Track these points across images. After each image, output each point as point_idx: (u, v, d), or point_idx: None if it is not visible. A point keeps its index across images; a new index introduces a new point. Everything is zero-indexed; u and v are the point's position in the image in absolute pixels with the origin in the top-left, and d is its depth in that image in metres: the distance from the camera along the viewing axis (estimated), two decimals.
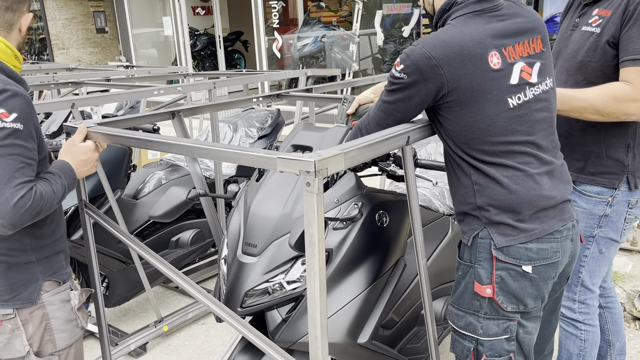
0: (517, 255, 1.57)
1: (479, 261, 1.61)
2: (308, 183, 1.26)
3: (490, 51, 1.52)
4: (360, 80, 3.26)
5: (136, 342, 3.01)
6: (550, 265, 1.60)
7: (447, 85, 1.50)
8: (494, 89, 1.52)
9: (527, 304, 1.61)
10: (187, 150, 1.58)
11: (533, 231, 1.56)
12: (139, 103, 4.06)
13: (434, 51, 1.49)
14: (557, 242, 1.60)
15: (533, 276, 1.58)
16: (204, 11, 12.68)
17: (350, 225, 1.79)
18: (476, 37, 1.52)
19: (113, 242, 3.00)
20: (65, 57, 11.97)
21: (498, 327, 1.62)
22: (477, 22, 1.56)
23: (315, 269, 1.30)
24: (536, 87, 1.60)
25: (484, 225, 1.59)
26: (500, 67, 1.53)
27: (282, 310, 1.73)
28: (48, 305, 1.71)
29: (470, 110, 1.53)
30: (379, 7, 8.85)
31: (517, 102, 1.55)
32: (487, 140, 1.55)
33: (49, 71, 5.61)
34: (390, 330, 2.02)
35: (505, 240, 1.57)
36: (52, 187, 1.59)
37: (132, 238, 1.90)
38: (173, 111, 2.29)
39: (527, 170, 1.56)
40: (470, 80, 1.50)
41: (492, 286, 1.59)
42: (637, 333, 3.02)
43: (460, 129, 1.56)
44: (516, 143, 1.55)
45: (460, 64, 1.49)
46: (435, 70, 1.49)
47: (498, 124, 1.53)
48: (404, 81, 1.53)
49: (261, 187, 1.85)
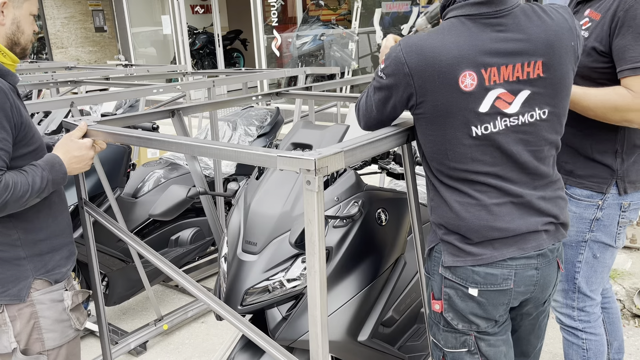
0: (464, 276, 1.50)
1: (433, 274, 1.59)
2: (308, 181, 1.26)
3: (464, 70, 1.37)
4: (360, 78, 3.25)
5: (136, 341, 3.01)
6: (500, 292, 1.50)
7: (415, 97, 1.42)
8: (458, 113, 1.39)
9: (478, 324, 1.53)
10: (186, 149, 1.58)
11: (481, 256, 1.47)
12: (138, 102, 4.06)
13: (409, 57, 1.39)
14: (509, 269, 1.48)
15: (480, 299, 1.50)
16: (203, 10, 12.67)
17: (350, 223, 1.79)
18: (454, 52, 1.37)
19: (113, 241, 3.00)
20: (64, 56, 11.96)
21: (455, 340, 1.57)
22: (466, 29, 1.40)
23: (316, 267, 1.30)
24: (513, 117, 1.42)
25: (439, 241, 1.55)
26: (471, 90, 1.38)
27: (282, 308, 1.73)
28: (37, 303, 1.70)
29: (433, 129, 1.44)
30: (378, 5, 8.84)
31: (483, 132, 1.41)
32: (444, 164, 1.46)
33: (48, 70, 5.60)
34: (391, 328, 2.02)
35: (451, 260, 1.50)
36: (27, 178, 1.56)
37: (132, 236, 1.90)
38: (172, 109, 2.29)
39: (482, 200, 1.45)
40: (436, 98, 1.39)
41: (441, 302, 1.56)
42: (636, 330, 3.02)
43: (424, 143, 1.50)
44: (474, 172, 1.44)
45: (430, 77, 1.38)
46: (407, 79, 1.41)
47: (457, 150, 1.42)
48: (383, 82, 1.48)
49: (261, 185, 1.85)
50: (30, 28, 1.70)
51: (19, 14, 1.65)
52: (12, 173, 1.55)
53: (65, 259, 1.80)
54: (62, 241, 1.78)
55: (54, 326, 1.74)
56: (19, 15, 1.65)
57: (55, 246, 1.75)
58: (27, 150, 1.64)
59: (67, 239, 1.82)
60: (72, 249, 1.86)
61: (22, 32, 1.68)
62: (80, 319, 1.84)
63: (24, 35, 1.69)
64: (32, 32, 1.72)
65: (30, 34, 1.71)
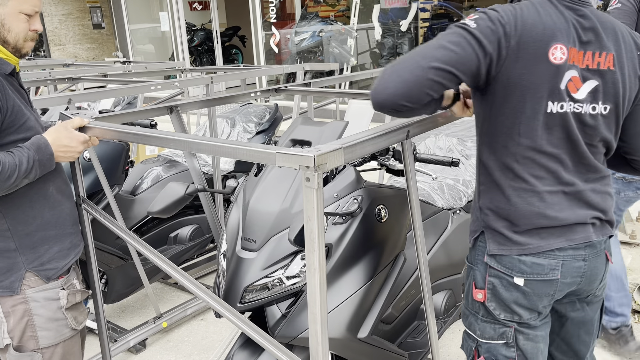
0: (510, 265, 1.50)
1: (476, 264, 1.58)
2: (308, 178, 1.25)
3: (556, 43, 1.38)
4: (358, 74, 3.25)
5: (135, 338, 3.01)
6: (546, 282, 1.50)
7: (504, 61, 1.36)
8: (541, 85, 1.39)
9: (521, 315, 1.53)
10: (185, 146, 1.57)
11: (528, 246, 1.47)
12: (136, 99, 4.05)
13: (509, 20, 1.36)
14: (557, 260, 1.48)
15: (525, 289, 1.50)
16: (201, 6, 12.64)
17: (349, 220, 1.78)
18: (549, 23, 1.39)
19: (111, 239, 2.99)
20: (61, 53, 11.93)
21: (494, 331, 1.57)
22: (554, 7, 1.42)
23: (315, 265, 1.30)
24: (579, 104, 1.43)
25: (483, 229, 1.55)
26: (559, 64, 1.39)
27: (281, 305, 1.73)
28: (31, 301, 1.69)
29: (512, 99, 1.41)
30: (377, 1, 8.82)
31: (558, 110, 1.41)
32: (512, 140, 1.44)
33: (46, 67, 5.58)
34: (390, 324, 2.02)
35: (497, 249, 1.51)
36: (13, 159, 1.56)
37: (131, 234, 1.89)
38: (170, 106, 2.28)
39: (536, 186, 1.45)
40: (525, 66, 1.37)
41: (484, 291, 1.55)
42: (636, 326, 3.02)
43: (494, 116, 1.45)
44: (540, 152, 1.44)
45: (524, 44, 1.36)
46: (503, 40, 1.35)
47: (530, 124, 1.41)
48: (471, 29, 1.34)
49: (260, 182, 1.84)
50: (21, 26, 1.65)
51: (3, 11, 1.61)
52: None
53: (66, 251, 1.77)
54: (59, 231, 1.76)
55: (48, 324, 1.72)
56: (3, 13, 1.62)
57: (51, 237, 1.73)
58: (17, 137, 1.63)
59: (67, 229, 1.79)
60: (75, 240, 1.83)
61: (9, 30, 1.64)
62: (79, 319, 1.82)
63: (11, 33, 1.64)
64: (24, 31, 1.67)
65: (22, 32, 1.66)
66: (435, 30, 9.03)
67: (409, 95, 1.31)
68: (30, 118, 1.68)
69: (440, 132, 2.92)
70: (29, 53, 1.74)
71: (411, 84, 1.30)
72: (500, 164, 1.48)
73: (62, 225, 1.78)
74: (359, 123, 2.69)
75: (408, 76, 1.31)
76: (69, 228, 1.81)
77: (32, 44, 1.72)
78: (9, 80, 1.66)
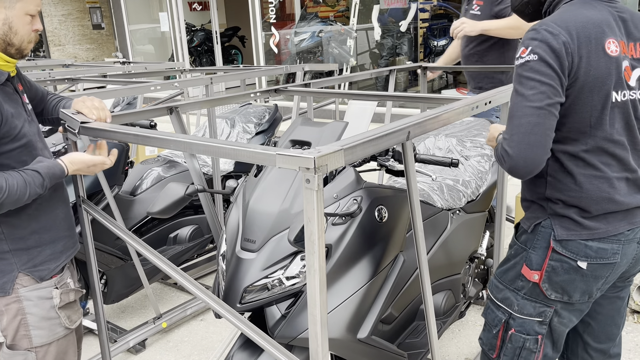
0: (575, 250, 1.59)
1: (534, 247, 1.66)
2: (308, 180, 1.25)
3: (608, 37, 1.50)
4: (358, 75, 3.25)
5: (135, 339, 3.01)
6: (606, 265, 1.60)
7: (571, 65, 1.47)
8: (606, 77, 1.50)
9: (572, 296, 1.64)
10: (185, 146, 1.57)
11: (597, 230, 1.57)
12: (135, 99, 4.04)
13: (558, 29, 1.47)
14: (619, 244, 1.59)
15: (586, 272, 1.59)
16: (201, 7, 12.64)
17: (349, 221, 1.78)
18: (596, 20, 1.50)
19: (111, 239, 2.99)
20: (61, 54, 11.93)
21: (534, 309, 1.68)
22: (594, 7, 1.54)
23: (315, 265, 1.30)
24: (632, 92, 1.56)
25: (548, 216, 1.63)
26: (616, 56, 1.51)
27: (281, 306, 1.73)
28: (24, 300, 1.70)
29: (582, 96, 1.50)
30: (376, 2, 8.82)
31: (621, 99, 1.53)
32: (584, 132, 1.53)
33: (45, 68, 5.58)
34: (390, 325, 2.02)
35: (566, 234, 1.59)
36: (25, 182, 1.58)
37: (130, 234, 1.89)
38: (170, 107, 2.28)
39: (605, 172, 1.55)
40: (588, 62, 1.48)
41: (540, 273, 1.64)
42: (635, 326, 3.02)
43: (564, 115, 1.53)
44: (609, 140, 1.54)
45: (581, 44, 1.47)
46: (564, 48, 1.46)
47: (600, 116, 1.52)
48: (534, 62, 1.47)
49: (260, 183, 1.84)
50: (25, 28, 1.66)
51: (11, 14, 1.62)
52: (8, 174, 1.56)
53: (58, 253, 1.79)
54: (53, 235, 1.77)
55: (41, 323, 1.73)
56: (12, 15, 1.62)
57: (45, 240, 1.74)
58: (13, 146, 1.64)
59: (61, 232, 1.81)
60: (68, 243, 1.84)
61: (15, 32, 1.64)
62: (73, 317, 1.82)
63: (17, 36, 1.65)
64: (28, 32, 1.68)
65: (26, 34, 1.67)
66: (434, 30, 9.04)
67: (545, 148, 1.51)
68: (24, 125, 1.69)
69: (440, 133, 2.92)
70: (29, 54, 1.74)
71: (541, 146, 1.50)
72: (572, 155, 1.56)
73: (57, 229, 1.79)
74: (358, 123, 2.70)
75: (534, 148, 1.49)
76: (63, 231, 1.82)
77: (32, 45, 1.73)
78: (2, 89, 1.66)
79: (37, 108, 1.95)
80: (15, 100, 1.71)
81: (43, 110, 1.97)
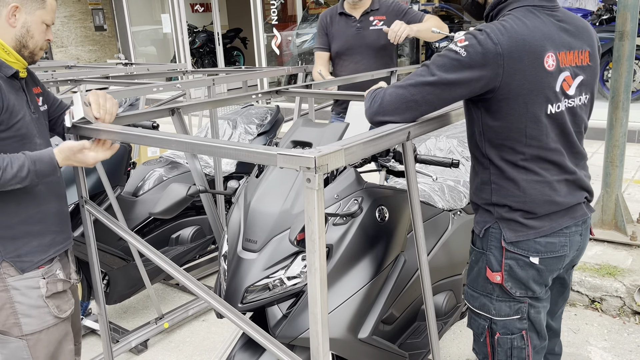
0: (526, 247, 1.65)
1: (490, 249, 1.70)
2: (308, 179, 1.26)
3: (548, 52, 1.52)
4: (359, 76, 3.25)
5: (137, 339, 3.02)
6: (557, 258, 1.68)
7: (501, 78, 1.49)
8: (541, 91, 1.53)
9: (535, 290, 1.69)
10: (186, 147, 1.58)
11: (542, 228, 1.64)
12: (138, 100, 4.06)
13: (500, 39, 1.47)
14: (565, 237, 1.67)
15: (540, 267, 1.66)
16: (203, 8, 12.65)
17: (350, 221, 1.79)
18: (538, 34, 1.52)
19: (113, 240, 3.00)
20: (64, 55, 11.95)
21: (510, 308, 1.71)
22: (537, 17, 1.56)
23: (316, 265, 1.30)
24: (571, 100, 1.61)
25: (496, 220, 1.68)
26: (552, 70, 1.54)
27: (282, 306, 1.73)
28: (11, 289, 1.76)
29: (514, 108, 1.53)
30: None
31: (555, 110, 1.57)
32: (520, 142, 1.57)
33: (48, 69, 5.59)
34: (391, 325, 2.02)
35: (515, 236, 1.65)
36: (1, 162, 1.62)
37: (133, 235, 1.90)
38: (172, 108, 2.29)
39: (545, 176, 1.61)
40: (524, 77, 1.50)
41: (501, 273, 1.68)
42: (636, 327, 3.02)
43: (500, 125, 1.57)
44: (546, 149, 1.59)
45: (519, 58, 1.49)
46: (497, 59, 1.47)
47: (535, 126, 1.56)
48: (462, 59, 1.49)
49: (261, 183, 1.85)
50: (41, 35, 1.80)
51: (30, 19, 1.76)
52: None
53: (45, 247, 1.83)
54: (42, 228, 1.82)
55: (30, 311, 1.79)
56: (30, 20, 1.76)
57: (32, 232, 1.79)
58: (6, 135, 1.70)
59: (51, 227, 1.85)
60: (58, 239, 1.88)
61: (32, 36, 1.77)
62: (63, 307, 1.87)
63: (33, 40, 1.78)
64: (42, 39, 1.81)
65: (40, 40, 1.80)
66: None
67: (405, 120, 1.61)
68: (24, 118, 1.75)
69: (441, 134, 2.92)
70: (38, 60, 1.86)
71: (402, 117, 1.61)
72: (512, 163, 1.61)
73: (47, 223, 1.83)
74: (359, 125, 2.70)
75: (397, 113, 1.59)
76: (53, 226, 1.86)
77: (42, 53, 1.84)
78: (9, 82, 1.74)
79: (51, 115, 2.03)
80: (20, 97, 1.78)
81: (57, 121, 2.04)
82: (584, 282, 3.27)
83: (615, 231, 3.66)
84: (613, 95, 3.53)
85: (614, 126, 3.58)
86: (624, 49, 3.43)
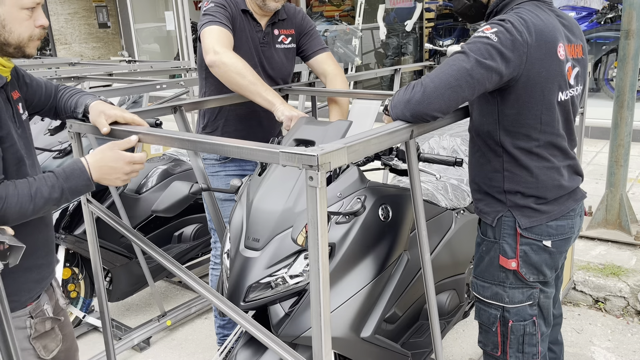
0: (539, 232, 1.74)
1: (503, 237, 1.77)
2: (311, 177, 1.25)
3: (559, 42, 1.62)
4: (363, 74, 3.25)
5: (140, 337, 3.02)
6: (566, 240, 1.78)
7: (524, 65, 1.56)
8: (555, 78, 1.62)
9: (546, 274, 1.78)
10: (189, 145, 1.58)
11: (552, 212, 1.73)
12: (141, 98, 4.06)
13: (523, 29, 1.55)
14: (571, 219, 1.78)
15: (552, 250, 1.76)
16: None
17: (353, 219, 1.78)
18: (550, 26, 1.61)
19: (116, 237, 3.01)
20: (67, 52, 11.97)
21: (523, 295, 1.78)
22: (544, 11, 1.65)
23: (319, 264, 1.30)
24: (572, 89, 1.72)
25: (508, 208, 1.75)
26: (563, 59, 1.64)
27: (285, 304, 1.73)
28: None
29: (534, 95, 1.61)
30: (382, 1, 8.81)
31: (564, 98, 1.68)
32: (535, 128, 1.66)
33: (52, 66, 5.60)
34: (394, 324, 2.02)
35: (528, 222, 1.73)
36: (29, 189, 1.43)
37: (135, 233, 1.89)
38: (175, 105, 2.28)
39: (554, 162, 1.71)
40: (542, 65, 1.58)
41: (516, 260, 1.75)
42: (638, 327, 3.01)
43: (516, 113, 1.64)
44: (557, 135, 1.69)
45: (538, 47, 1.57)
46: (523, 47, 1.54)
47: (550, 112, 1.65)
48: (495, 44, 1.52)
49: (263, 182, 1.84)
50: (23, 25, 1.47)
51: (2, 11, 1.43)
52: (12, 183, 1.42)
53: (32, 283, 1.62)
54: (31, 262, 1.60)
55: None
56: (2, 12, 1.43)
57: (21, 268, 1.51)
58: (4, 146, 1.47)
59: (39, 260, 1.63)
60: (45, 272, 1.66)
61: (10, 31, 1.45)
62: (49, 346, 1.67)
63: (13, 35, 1.46)
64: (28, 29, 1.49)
65: (25, 30, 1.48)
66: (439, 30, 9.01)
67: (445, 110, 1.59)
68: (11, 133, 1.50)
69: (444, 132, 2.91)
70: (34, 54, 1.58)
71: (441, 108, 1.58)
72: (526, 150, 1.69)
73: (34, 256, 1.61)
74: (362, 123, 2.69)
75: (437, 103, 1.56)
76: (40, 259, 1.65)
77: (37, 44, 1.54)
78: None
79: (42, 106, 1.80)
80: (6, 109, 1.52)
81: (56, 108, 1.82)
82: (588, 282, 3.25)
83: (619, 231, 3.65)
84: (618, 94, 3.51)
85: (619, 125, 3.56)
86: (630, 47, 3.42)
